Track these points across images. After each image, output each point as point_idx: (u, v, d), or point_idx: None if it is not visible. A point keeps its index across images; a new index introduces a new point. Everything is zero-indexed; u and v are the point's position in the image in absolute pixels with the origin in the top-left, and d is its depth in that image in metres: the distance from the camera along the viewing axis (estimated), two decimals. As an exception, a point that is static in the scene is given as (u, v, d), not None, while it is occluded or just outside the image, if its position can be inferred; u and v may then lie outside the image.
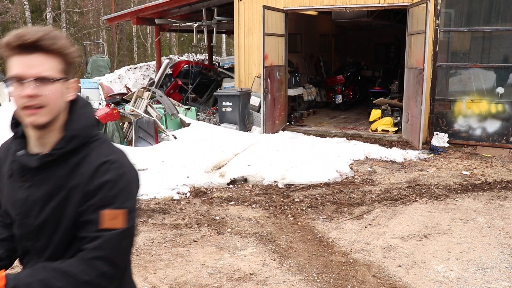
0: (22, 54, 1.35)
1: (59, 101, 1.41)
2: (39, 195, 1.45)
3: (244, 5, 11.11)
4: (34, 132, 1.43)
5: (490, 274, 4.08)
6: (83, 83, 13.60)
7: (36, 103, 1.36)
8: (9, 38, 1.34)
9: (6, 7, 27.79)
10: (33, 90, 1.34)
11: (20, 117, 1.43)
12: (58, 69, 1.38)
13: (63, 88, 1.41)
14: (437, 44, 9.27)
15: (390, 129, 10.13)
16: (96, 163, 1.42)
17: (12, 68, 1.36)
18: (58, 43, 1.36)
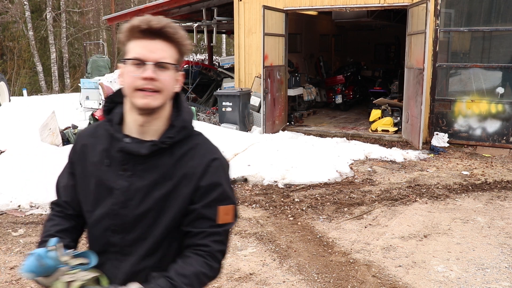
0: (145, 39, 1.39)
1: (171, 89, 1.45)
2: (142, 184, 1.45)
3: (244, 5, 11.11)
4: (140, 117, 1.44)
5: (490, 274, 4.08)
6: (83, 83, 13.62)
7: (153, 87, 1.39)
8: (137, 22, 1.38)
9: (6, 7, 27.78)
10: (153, 73, 1.38)
11: (131, 98, 1.42)
12: (175, 58, 1.43)
13: (175, 77, 1.46)
14: (437, 44, 9.27)
15: (390, 129, 10.13)
16: (206, 159, 1.47)
17: (132, 50, 1.40)
18: (178, 33, 1.42)
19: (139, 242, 1.48)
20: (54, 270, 1.39)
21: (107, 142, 1.50)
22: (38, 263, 1.37)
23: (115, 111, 1.52)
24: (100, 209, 1.49)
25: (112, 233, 1.49)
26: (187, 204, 1.46)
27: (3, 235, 4.96)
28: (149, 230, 1.47)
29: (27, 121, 10.56)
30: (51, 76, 27.41)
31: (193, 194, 1.46)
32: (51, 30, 27.06)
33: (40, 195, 5.97)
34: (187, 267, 1.43)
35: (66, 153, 1.68)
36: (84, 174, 1.55)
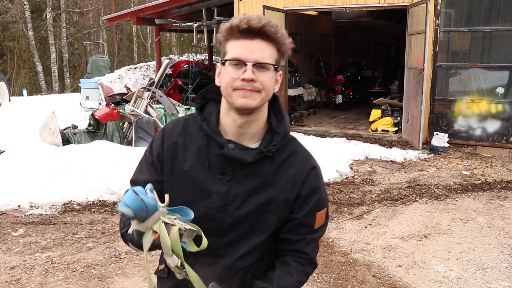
0: (245, 39, 1.35)
1: (271, 89, 1.41)
2: (241, 190, 1.43)
3: (244, 5, 11.11)
4: (239, 117, 1.40)
5: (490, 274, 4.08)
6: (83, 83, 13.61)
7: (252, 88, 1.35)
8: (236, 22, 1.34)
9: (6, 7, 27.78)
10: (252, 74, 1.34)
11: (228, 97, 1.38)
12: (274, 57, 1.39)
13: (275, 78, 1.42)
14: (437, 44, 9.27)
15: (390, 129, 10.13)
16: (306, 168, 1.48)
17: (231, 50, 1.36)
18: (279, 32, 1.37)
19: (234, 245, 1.48)
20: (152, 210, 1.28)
21: (203, 143, 1.46)
22: (137, 197, 1.26)
23: (209, 109, 1.48)
24: (195, 211, 1.41)
25: (207, 235, 1.41)
26: (288, 212, 1.48)
27: (3, 235, 4.96)
28: (246, 234, 1.47)
29: (27, 121, 10.57)
30: (51, 76, 27.42)
31: (295, 202, 1.47)
32: (51, 30, 27.07)
33: (40, 195, 5.97)
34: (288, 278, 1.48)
35: (66, 153, 1.67)
36: (173, 173, 1.49)
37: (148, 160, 1.55)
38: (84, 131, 8.61)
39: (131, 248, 1.50)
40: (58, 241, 4.81)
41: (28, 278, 4.02)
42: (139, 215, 1.27)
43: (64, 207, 5.80)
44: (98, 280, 3.98)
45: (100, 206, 5.85)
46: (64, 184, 6.23)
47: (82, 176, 6.49)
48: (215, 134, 1.43)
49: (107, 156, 7.22)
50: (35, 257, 4.44)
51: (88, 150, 7.38)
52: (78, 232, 5.03)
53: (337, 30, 16.75)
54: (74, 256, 4.43)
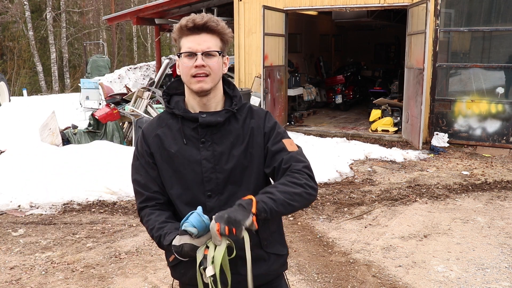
0: (193, 34, 1.69)
1: (219, 72, 1.75)
2: (222, 148, 1.76)
3: (244, 5, 11.11)
4: (199, 98, 1.75)
5: (490, 274, 4.08)
6: (83, 83, 13.61)
7: (204, 72, 1.69)
8: (184, 22, 1.68)
9: (6, 7, 27.78)
10: (202, 61, 1.68)
11: (188, 84, 1.74)
12: (219, 45, 1.73)
13: (221, 62, 1.75)
14: (437, 44, 9.27)
15: (390, 129, 10.13)
16: (262, 114, 1.83)
17: (184, 45, 1.70)
18: (219, 25, 1.71)
19: (232, 199, 1.71)
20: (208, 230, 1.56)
21: (179, 125, 1.78)
22: (200, 219, 1.56)
23: (175, 100, 1.82)
24: (191, 181, 1.76)
25: (208, 198, 1.76)
26: (262, 149, 1.79)
27: (3, 235, 4.96)
28: (239, 184, 1.77)
29: (27, 121, 10.56)
30: (51, 76, 27.42)
31: (264, 138, 1.79)
32: (51, 30, 27.06)
33: (40, 195, 5.97)
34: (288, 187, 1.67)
35: (66, 153, 1.73)
36: (164, 160, 1.79)
37: (141, 161, 1.83)
38: (84, 131, 8.61)
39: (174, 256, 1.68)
40: (58, 241, 4.81)
41: (28, 278, 4.02)
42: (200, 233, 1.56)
43: (64, 207, 5.80)
44: (98, 280, 3.99)
45: (100, 206, 5.85)
46: (64, 184, 6.23)
47: (82, 176, 6.49)
48: (187, 113, 1.77)
49: (107, 156, 7.22)
50: (35, 257, 4.44)
51: (88, 150, 7.38)
52: (78, 232, 5.03)
53: (337, 30, 16.75)
54: (74, 256, 4.43)
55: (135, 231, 5.08)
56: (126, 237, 4.92)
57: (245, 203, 1.57)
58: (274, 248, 1.86)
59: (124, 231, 5.08)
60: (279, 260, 1.89)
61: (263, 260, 1.83)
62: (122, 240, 4.82)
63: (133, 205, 5.89)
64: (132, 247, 4.65)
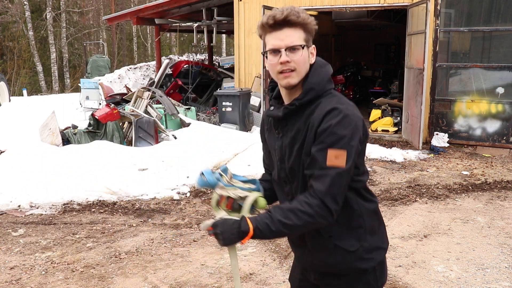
0: (275, 30, 1.69)
1: (306, 65, 1.72)
2: (286, 142, 1.78)
3: (244, 5, 11.11)
4: (287, 91, 1.76)
5: (490, 274, 4.08)
6: (83, 83, 13.61)
7: (289, 67, 1.69)
8: (265, 20, 1.69)
9: (6, 7, 27.78)
10: (286, 57, 1.68)
11: (276, 80, 1.76)
12: (302, 38, 1.70)
13: (307, 54, 1.72)
14: (437, 44, 9.27)
15: (390, 129, 10.13)
16: (326, 109, 1.67)
17: (268, 42, 1.71)
18: (300, 17, 1.68)
19: (299, 189, 1.78)
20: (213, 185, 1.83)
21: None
22: (201, 177, 1.85)
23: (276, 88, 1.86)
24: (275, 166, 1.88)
25: (285, 184, 1.85)
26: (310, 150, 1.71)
27: (3, 235, 4.96)
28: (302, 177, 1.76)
29: (27, 121, 10.56)
30: (51, 76, 27.42)
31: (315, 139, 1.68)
32: (51, 30, 27.07)
33: (40, 195, 5.97)
34: (287, 204, 1.68)
35: (66, 153, 1.74)
36: (265, 141, 1.96)
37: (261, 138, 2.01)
38: (84, 131, 8.61)
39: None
40: (58, 241, 4.81)
41: (28, 278, 4.02)
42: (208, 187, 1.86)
43: (64, 207, 5.80)
44: (98, 280, 3.99)
45: (100, 206, 5.85)
46: (64, 184, 6.23)
47: (82, 176, 6.50)
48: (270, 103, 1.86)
49: (107, 156, 7.22)
50: (35, 257, 4.44)
51: (88, 150, 7.38)
52: (78, 232, 5.03)
53: (337, 30, 16.75)
54: (74, 256, 4.43)
55: (135, 231, 5.08)
56: (126, 237, 4.92)
57: (242, 232, 1.63)
58: (341, 241, 1.79)
59: (124, 231, 5.08)
60: (349, 255, 1.79)
61: (326, 250, 1.80)
62: (122, 240, 4.82)
63: (133, 205, 5.89)
64: (132, 247, 4.65)
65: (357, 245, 1.79)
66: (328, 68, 1.79)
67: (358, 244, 1.79)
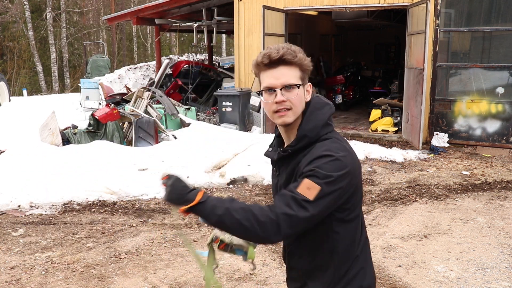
0: (270, 69, 1.68)
1: (302, 103, 1.71)
2: (281, 181, 1.79)
3: (244, 5, 11.11)
4: (284, 129, 1.76)
5: (490, 274, 4.08)
6: (83, 83, 13.61)
7: (284, 107, 1.67)
8: (260, 59, 1.69)
9: (6, 7, 27.78)
10: (282, 96, 1.66)
11: (272, 119, 1.75)
12: (298, 76, 1.68)
13: (303, 92, 1.70)
14: (437, 44, 9.27)
15: (390, 129, 10.12)
16: (314, 155, 1.63)
17: (264, 80, 1.70)
18: (297, 56, 1.67)
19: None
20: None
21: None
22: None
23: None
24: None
25: None
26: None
27: (3, 235, 4.96)
28: None
29: (27, 121, 10.56)
30: (51, 76, 27.41)
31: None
32: (51, 30, 27.06)
33: (40, 195, 5.97)
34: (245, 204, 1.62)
35: (66, 153, 1.73)
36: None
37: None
38: (84, 131, 8.61)
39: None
40: (58, 241, 4.81)
41: (28, 278, 4.02)
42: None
43: (64, 207, 5.80)
44: (98, 280, 3.99)
45: (100, 206, 5.85)
46: (64, 184, 6.23)
47: (82, 176, 6.49)
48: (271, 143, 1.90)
49: (107, 156, 7.22)
50: (35, 257, 4.44)
51: (88, 150, 7.38)
52: (78, 232, 5.03)
53: (337, 30, 16.75)
54: (74, 256, 4.43)
55: (135, 231, 5.08)
56: (126, 237, 4.92)
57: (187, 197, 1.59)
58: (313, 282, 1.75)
59: (124, 231, 5.08)
60: None
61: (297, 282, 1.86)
62: (122, 240, 4.82)
63: (133, 205, 5.89)
64: (132, 247, 4.65)
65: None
66: (327, 109, 1.73)
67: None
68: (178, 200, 1.60)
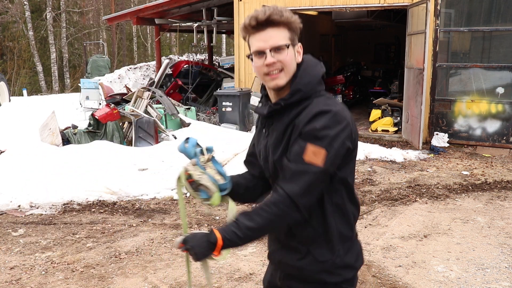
0: (258, 31, 1.63)
1: (293, 63, 1.67)
2: (271, 141, 1.73)
3: (244, 5, 11.11)
4: (275, 92, 1.72)
5: (490, 274, 4.08)
6: (83, 83, 13.61)
7: (276, 68, 1.64)
8: (247, 21, 1.63)
9: (6, 7, 27.78)
10: (272, 58, 1.63)
11: (264, 82, 1.72)
12: (287, 37, 1.65)
13: (293, 52, 1.67)
14: (437, 44, 9.27)
15: (390, 129, 10.13)
16: (313, 111, 1.60)
17: (252, 44, 1.66)
18: (283, 16, 1.62)
19: None
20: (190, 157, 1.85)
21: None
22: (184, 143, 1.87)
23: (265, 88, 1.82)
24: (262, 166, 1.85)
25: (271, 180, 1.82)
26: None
27: (3, 235, 4.96)
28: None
29: (27, 121, 10.56)
30: (51, 76, 27.42)
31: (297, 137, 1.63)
32: (51, 30, 27.06)
33: (40, 195, 5.97)
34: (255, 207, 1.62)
35: (66, 153, 1.74)
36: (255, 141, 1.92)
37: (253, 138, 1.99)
38: (84, 131, 8.61)
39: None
40: (58, 241, 4.81)
41: (28, 278, 4.03)
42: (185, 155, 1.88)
43: (64, 207, 5.80)
44: (98, 280, 3.99)
45: (100, 206, 5.85)
46: (64, 184, 6.23)
47: (82, 176, 6.50)
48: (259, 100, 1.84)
49: (107, 156, 7.22)
50: (35, 257, 4.44)
51: (88, 150, 7.38)
52: (78, 232, 5.04)
53: (337, 30, 16.75)
54: (74, 256, 4.43)
55: (135, 231, 5.08)
56: (126, 237, 4.92)
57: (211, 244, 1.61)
58: (315, 249, 1.72)
59: (124, 231, 5.08)
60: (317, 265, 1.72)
61: (298, 253, 1.75)
62: (122, 240, 4.82)
63: (133, 205, 5.89)
64: (132, 247, 4.65)
65: (328, 256, 1.72)
66: (319, 67, 1.72)
67: (330, 256, 1.72)
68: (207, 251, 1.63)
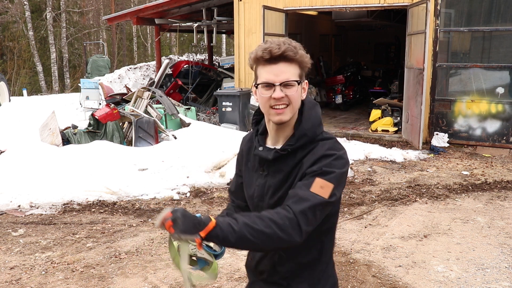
0: (270, 64, 1.63)
1: (299, 100, 1.69)
2: (272, 182, 1.72)
3: (244, 5, 11.11)
4: (275, 127, 1.71)
5: (490, 274, 4.08)
6: (83, 83, 13.61)
7: (283, 103, 1.64)
8: (260, 53, 1.62)
9: (6, 7, 27.78)
10: (281, 93, 1.63)
11: (267, 115, 1.70)
12: (297, 73, 1.66)
13: (300, 89, 1.68)
14: (437, 44, 9.27)
15: (390, 129, 10.13)
16: (320, 153, 1.64)
17: (261, 75, 1.65)
18: (298, 53, 1.63)
19: None
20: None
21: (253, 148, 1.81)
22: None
23: (262, 122, 1.81)
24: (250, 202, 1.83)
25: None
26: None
27: (3, 235, 4.96)
28: None
29: (27, 121, 10.57)
30: (51, 76, 27.41)
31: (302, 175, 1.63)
32: (51, 30, 27.06)
33: (40, 195, 5.97)
34: (252, 216, 1.56)
35: (66, 153, 1.72)
36: (242, 172, 1.88)
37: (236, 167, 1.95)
38: (84, 131, 8.61)
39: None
40: (58, 241, 4.81)
41: (28, 278, 4.03)
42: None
43: (64, 207, 5.80)
44: (98, 280, 3.99)
45: (100, 206, 5.85)
46: (64, 184, 6.23)
47: (82, 176, 6.50)
48: (256, 141, 1.78)
49: (107, 156, 7.22)
50: (35, 257, 4.44)
51: (88, 150, 7.38)
52: (78, 232, 5.03)
53: (337, 30, 16.75)
54: (74, 256, 4.43)
55: (135, 231, 5.08)
56: (126, 237, 4.92)
57: (202, 222, 1.48)
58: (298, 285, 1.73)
59: (124, 231, 5.08)
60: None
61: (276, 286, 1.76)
62: (122, 240, 4.82)
63: (133, 205, 5.89)
64: (132, 247, 4.65)
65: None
66: (318, 109, 1.76)
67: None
68: (194, 227, 1.47)
